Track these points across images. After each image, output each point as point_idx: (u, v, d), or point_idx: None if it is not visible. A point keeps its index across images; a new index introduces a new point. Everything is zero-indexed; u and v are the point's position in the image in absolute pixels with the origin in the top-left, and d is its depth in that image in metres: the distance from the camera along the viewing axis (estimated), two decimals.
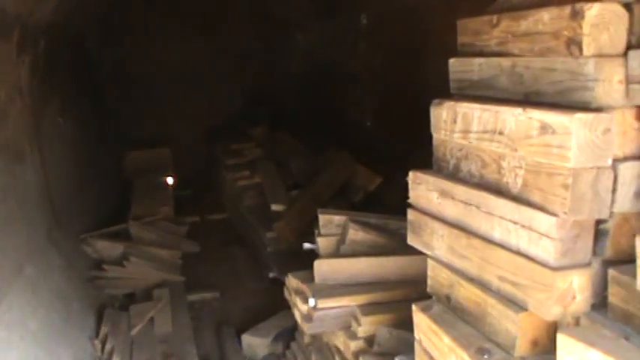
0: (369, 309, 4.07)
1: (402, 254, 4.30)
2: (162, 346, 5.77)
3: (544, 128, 2.17)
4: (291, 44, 11.60)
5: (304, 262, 4.69)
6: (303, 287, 4.47)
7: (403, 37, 7.09)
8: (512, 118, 2.33)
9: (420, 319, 2.94)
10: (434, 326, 2.78)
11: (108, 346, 5.65)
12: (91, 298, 6.52)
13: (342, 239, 4.63)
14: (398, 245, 4.41)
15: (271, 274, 6.85)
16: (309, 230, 5.17)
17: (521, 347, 2.40)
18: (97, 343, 5.72)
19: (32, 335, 4.79)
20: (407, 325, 3.28)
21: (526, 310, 2.35)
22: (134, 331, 5.96)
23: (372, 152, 7.82)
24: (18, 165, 5.65)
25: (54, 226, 6.56)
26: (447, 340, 2.66)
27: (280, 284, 5.17)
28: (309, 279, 4.46)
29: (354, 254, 4.52)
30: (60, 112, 7.80)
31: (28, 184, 5.94)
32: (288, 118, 11.15)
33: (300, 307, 4.45)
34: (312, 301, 4.26)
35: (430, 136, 3.00)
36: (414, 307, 3.00)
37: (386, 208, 5.46)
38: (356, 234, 4.54)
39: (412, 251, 3.23)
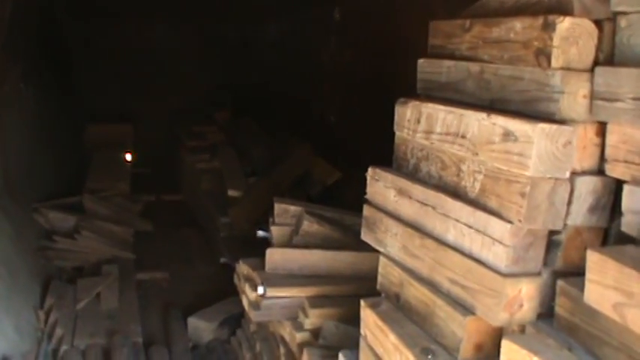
0: (317, 302, 4.08)
1: (355, 250, 4.32)
2: (107, 322, 5.74)
3: (506, 135, 2.19)
4: (263, 33, 11.57)
5: (257, 249, 4.69)
6: (253, 274, 4.46)
7: (374, 35, 7.10)
8: (476, 122, 2.34)
9: (367, 315, 2.94)
10: (380, 323, 2.78)
11: (52, 318, 5.60)
12: (38, 268, 6.46)
13: (296, 230, 4.63)
14: (351, 240, 4.43)
15: (222, 260, 6.84)
16: (264, 218, 5.16)
17: (466, 350, 2.41)
18: (41, 314, 5.67)
19: None
20: (354, 320, 3.28)
21: (473, 314, 2.36)
22: (80, 305, 5.91)
23: (334, 147, 7.83)
24: None
25: (4, 192, 6.48)
26: (392, 337, 2.67)
27: (231, 270, 5.16)
28: (260, 267, 4.46)
29: (306, 246, 4.52)
30: (22, 78, 7.69)
31: None
32: (254, 105, 11.13)
33: (249, 295, 4.44)
34: (260, 289, 4.26)
35: (392, 135, 3.01)
36: (362, 302, 3.00)
37: (343, 203, 5.47)
38: (310, 226, 4.55)
39: (365, 248, 3.24)
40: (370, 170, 3.11)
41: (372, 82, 7.01)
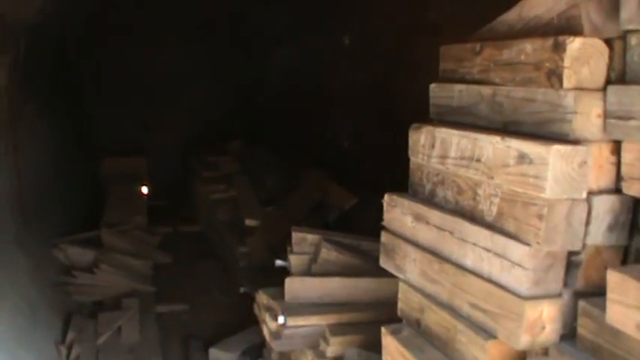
0: (338, 329, 4.06)
1: (374, 276, 4.30)
2: (129, 356, 5.73)
3: (521, 158, 2.19)
4: (273, 59, 11.61)
5: (276, 278, 4.67)
6: (273, 304, 4.45)
7: (384, 60, 7.12)
8: (490, 145, 2.35)
9: (388, 341, 2.93)
10: (402, 349, 2.78)
11: (73, 353, 5.60)
12: (59, 303, 6.46)
13: (314, 258, 4.63)
14: (370, 267, 4.41)
15: (242, 289, 6.82)
16: (282, 247, 5.15)
17: None
18: (63, 349, 5.67)
19: None
20: (376, 347, 3.27)
21: (495, 338, 2.35)
22: (101, 340, 5.90)
23: (349, 173, 7.83)
24: None
25: (23, 228, 6.51)
26: None
27: (250, 300, 5.14)
28: (280, 296, 4.45)
29: (325, 274, 4.51)
30: (38, 114, 7.75)
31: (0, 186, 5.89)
32: (266, 133, 11.16)
33: (269, 324, 4.43)
34: (281, 319, 4.25)
35: (407, 160, 3.01)
36: (383, 329, 3.00)
37: (360, 229, 5.46)
38: (329, 253, 4.54)
39: (384, 274, 3.23)
40: (386, 197, 3.11)
41: (384, 106, 7.02)
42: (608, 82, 2.20)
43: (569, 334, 2.26)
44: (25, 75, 6.90)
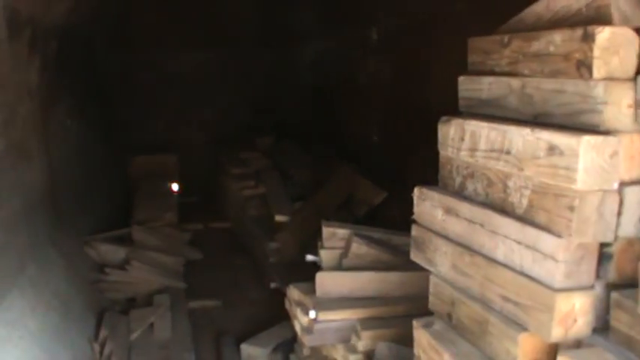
0: (369, 323, 4.07)
1: (405, 270, 4.30)
2: (161, 353, 5.76)
3: (552, 149, 2.18)
4: (300, 55, 11.61)
5: (306, 273, 4.69)
6: (305, 299, 4.47)
7: (412, 53, 7.09)
8: (520, 137, 2.34)
9: (420, 335, 2.93)
10: (434, 343, 2.78)
11: (107, 350, 5.64)
12: (92, 300, 6.52)
13: (345, 253, 4.63)
14: (401, 261, 4.41)
15: (273, 285, 6.85)
16: (312, 242, 5.16)
17: None
18: (96, 345, 5.72)
19: (31, 335, 4.79)
20: (407, 341, 3.28)
21: (527, 330, 2.34)
22: (133, 336, 5.95)
23: (378, 167, 7.82)
24: (24, 165, 5.66)
25: (57, 227, 6.57)
26: (446, 357, 2.66)
27: (281, 295, 5.16)
28: (311, 291, 4.46)
29: (356, 268, 4.51)
30: (68, 113, 7.81)
31: (33, 185, 5.94)
32: (295, 128, 11.16)
33: (301, 319, 4.45)
34: (312, 314, 4.26)
35: (436, 154, 3.00)
36: (414, 323, 3.00)
37: (390, 223, 5.45)
38: (359, 248, 4.54)
39: (415, 267, 3.23)
40: (416, 190, 3.10)
41: (413, 100, 7.00)
42: (639, 71, 2.18)
43: (601, 326, 2.24)
44: (55, 75, 6.96)
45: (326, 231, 4.77)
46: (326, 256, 4.71)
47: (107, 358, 5.57)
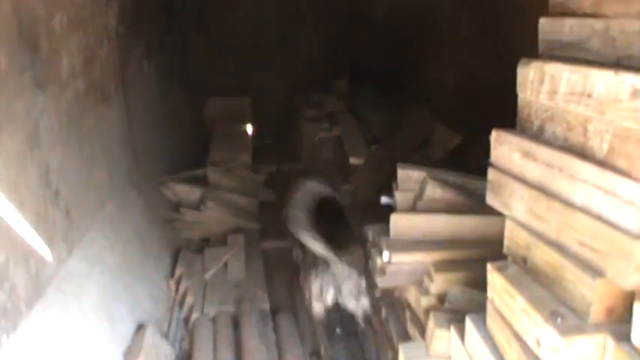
0: (442, 266, 4.07)
1: (480, 214, 4.27)
2: (235, 291, 5.89)
3: (635, 93, 2.12)
4: None
5: (380, 216, 4.70)
6: (379, 241, 4.49)
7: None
8: (603, 81, 2.29)
9: (494, 278, 2.93)
10: (508, 286, 2.77)
11: (182, 287, 5.80)
12: (167, 239, 6.67)
13: (419, 195, 4.61)
14: (475, 205, 4.38)
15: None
16: (387, 185, 5.15)
17: (596, 314, 2.38)
18: (172, 282, 5.87)
19: (111, 271, 4.93)
20: (480, 285, 3.28)
21: (604, 276, 2.32)
22: (208, 275, 6.09)
23: (454, 113, 7.74)
24: (103, 106, 5.77)
25: (134, 167, 6.70)
26: (520, 300, 2.65)
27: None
28: (385, 233, 4.48)
29: (430, 211, 4.50)
30: (144, 56, 7.91)
31: (112, 126, 6.06)
32: (371, 72, 11.09)
33: (375, 261, 4.48)
34: (386, 255, 4.28)
35: (515, 100, 2.96)
36: (489, 266, 2.99)
37: (464, 168, 5.41)
38: (434, 191, 4.52)
39: (489, 212, 3.21)
40: (494, 133, 3.07)
41: (492, 45, 6.88)
42: None
43: None
44: (132, 18, 7.05)
45: (401, 173, 4.75)
46: (400, 198, 4.70)
47: (182, 295, 5.72)
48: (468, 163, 5.96)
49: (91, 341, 4.08)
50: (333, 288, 5.52)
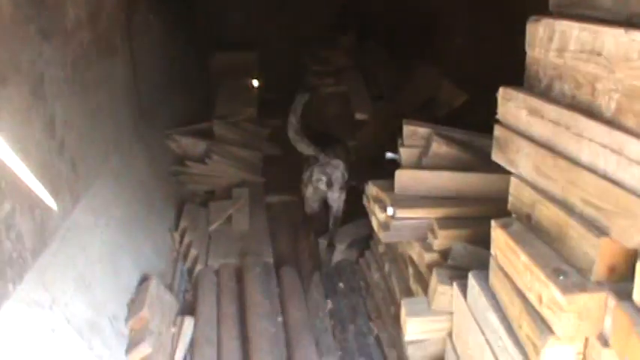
0: (446, 223, 4.07)
1: (485, 171, 4.27)
2: (239, 244, 5.91)
3: None
4: None
5: (385, 172, 4.70)
6: (383, 195, 4.49)
7: None
8: (613, 38, 2.27)
9: (498, 235, 2.94)
10: (511, 243, 2.78)
11: (186, 240, 5.82)
12: (172, 192, 6.69)
13: (425, 152, 4.60)
14: (481, 162, 4.37)
15: (351, 183, 6.89)
16: (392, 141, 5.14)
17: (599, 272, 2.39)
18: (176, 235, 5.90)
19: (116, 222, 4.94)
20: (483, 242, 3.29)
21: (608, 235, 2.33)
22: (212, 227, 6.11)
23: (461, 70, 7.69)
24: (109, 58, 5.74)
25: (140, 120, 6.69)
26: (523, 257, 2.66)
27: (359, 193, 5.19)
28: (389, 188, 4.47)
29: (436, 167, 4.49)
30: (150, 8, 7.85)
31: (118, 78, 6.03)
32: (378, 28, 11.01)
33: (378, 215, 4.48)
34: (390, 210, 4.28)
35: (522, 59, 2.95)
36: (493, 223, 3.00)
37: (470, 126, 5.40)
38: (440, 147, 4.51)
39: (495, 169, 3.21)
40: (501, 90, 3.06)
41: (502, 2, 6.82)
42: None
43: None
44: None
45: (407, 129, 4.73)
46: (406, 154, 4.69)
47: (186, 247, 5.75)
48: (475, 122, 5.95)
49: (95, 292, 4.11)
50: (324, 176, 6.01)
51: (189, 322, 4.58)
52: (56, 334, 3.43)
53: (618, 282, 2.37)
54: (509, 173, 3.03)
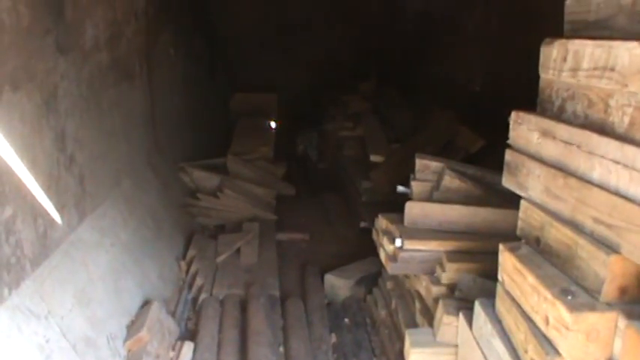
0: (455, 256, 4.01)
1: (495, 207, 4.22)
2: (246, 276, 5.86)
3: None
4: (407, 1, 11.49)
5: (396, 213, 4.65)
6: (392, 227, 4.44)
7: (520, 4, 6.90)
8: (626, 52, 2.23)
9: (505, 258, 2.88)
10: (519, 266, 2.71)
11: (193, 269, 5.79)
12: (182, 223, 6.67)
13: (436, 185, 4.57)
14: (492, 198, 4.33)
15: (363, 224, 6.85)
16: (406, 182, 5.10)
17: (609, 293, 2.31)
18: (183, 264, 5.87)
19: (122, 244, 4.92)
20: (491, 276, 3.23)
21: (618, 253, 2.26)
22: (220, 258, 6.08)
23: (478, 117, 7.67)
24: (126, 83, 5.77)
25: (154, 148, 6.71)
26: (530, 279, 2.60)
27: (370, 235, 5.12)
28: (399, 221, 4.43)
29: (447, 201, 4.44)
30: (172, 43, 7.94)
31: (134, 105, 6.06)
32: (398, 74, 11.07)
33: (386, 247, 4.43)
34: (398, 242, 4.23)
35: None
36: (501, 246, 2.94)
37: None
38: (451, 181, 4.47)
39: (506, 205, 3.17)
40: (513, 114, 3.04)
41: (518, 52, 6.81)
42: None
43: None
44: (161, 3, 7.08)
45: (419, 163, 4.70)
46: (417, 187, 4.65)
47: (193, 276, 5.71)
48: (489, 166, 5.91)
49: (95, 309, 4.06)
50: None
51: (188, 347, 4.52)
52: (50, 345, 3.37)
53: (629, 303, 2.29)
54: (519, 209, 2.98)
